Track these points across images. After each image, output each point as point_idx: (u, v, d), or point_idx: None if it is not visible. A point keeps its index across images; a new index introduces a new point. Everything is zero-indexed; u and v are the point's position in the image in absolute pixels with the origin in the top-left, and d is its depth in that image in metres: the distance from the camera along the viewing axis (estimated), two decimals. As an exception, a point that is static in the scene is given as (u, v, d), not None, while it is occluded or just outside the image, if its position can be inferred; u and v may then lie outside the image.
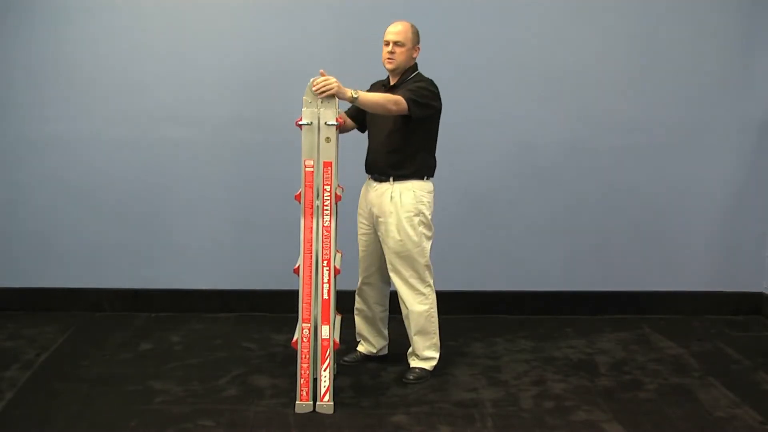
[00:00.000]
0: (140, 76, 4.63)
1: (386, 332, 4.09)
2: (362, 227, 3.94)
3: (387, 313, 4.07)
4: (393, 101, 3.57)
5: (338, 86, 3.41)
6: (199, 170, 4.73)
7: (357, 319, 4.07)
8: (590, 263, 4.87)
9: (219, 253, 4.81)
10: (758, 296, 4.94)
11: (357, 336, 4.11)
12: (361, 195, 3.94)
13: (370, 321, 4.04)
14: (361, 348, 4.10)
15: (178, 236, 4.79)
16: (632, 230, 4.86)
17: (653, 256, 4.88)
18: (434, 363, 3.90)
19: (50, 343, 4.29)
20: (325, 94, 3.39)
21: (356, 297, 4.04)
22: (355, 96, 3.47)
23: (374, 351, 4.07)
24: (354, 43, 4.58)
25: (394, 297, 3.97)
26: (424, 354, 3.89)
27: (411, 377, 3.84)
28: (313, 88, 3.39)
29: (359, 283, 4.02)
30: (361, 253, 3.98)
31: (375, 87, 3.89)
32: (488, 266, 4.84)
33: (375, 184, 3.83)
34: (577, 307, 4.89)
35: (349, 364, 4.03)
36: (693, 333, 4.61)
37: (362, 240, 3.95)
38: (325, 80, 3.40)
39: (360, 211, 3.94)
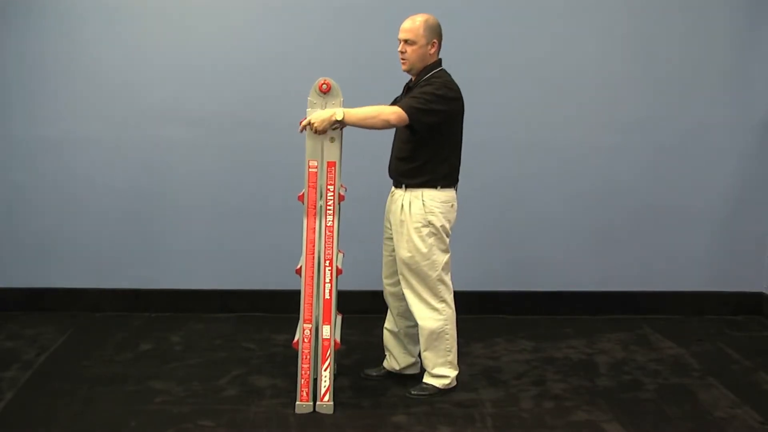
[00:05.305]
0: (139, 76, 4.63)
1: (415, 351, 3.79)
2: (387, 231, 3.75)
3: (416, 329, 3.70)
4: (390, 111, 3.37)
5: (320, 121, 3.29)
6: (200, 170, 4.72)
7: (384, 331, 3.87)
8: (590, 263, 4.87)
9: (219, 253, 4.80)
10: (758, 296, 4.94)
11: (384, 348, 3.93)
12: (388, 199, 3.75)
13: (394, 335, 3.81)
14: (386, 363, 3.89)
15: (178, 236, 4.78)
16: (632, 230, 4.86)
17: (653, 256, 4.88)
18: (447, 382, 3.66)
19: (50, 343, 4.28)
20: (318, 133, 3.34)
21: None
22: (339, 118, 3.31)
23: (396, 368, 3.83)
24: (357, 43, 4.57)
25: None
26: (435, 371, 3.66)
27: (414, 391, 3.66)
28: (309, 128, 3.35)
29: (383, 289, 3.84)
30: (384, 258, 3.80)
31: (404, 89, 3.69)
32: (488, 266, 4.84)
33: (394, 189, 3.67)
34: (577, 307, 4.89)
35: (369, 377, 3.86)
36: (693, 333, 4.61)
37: (387, 245, 3.77)
38: (303, 124, 3.33)
39: (386, 214, 3.75)
